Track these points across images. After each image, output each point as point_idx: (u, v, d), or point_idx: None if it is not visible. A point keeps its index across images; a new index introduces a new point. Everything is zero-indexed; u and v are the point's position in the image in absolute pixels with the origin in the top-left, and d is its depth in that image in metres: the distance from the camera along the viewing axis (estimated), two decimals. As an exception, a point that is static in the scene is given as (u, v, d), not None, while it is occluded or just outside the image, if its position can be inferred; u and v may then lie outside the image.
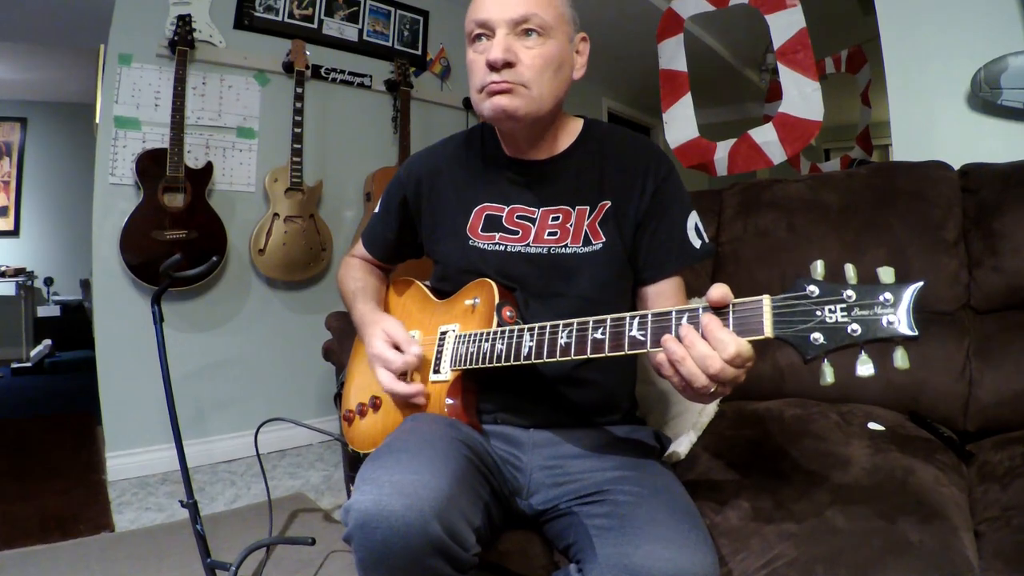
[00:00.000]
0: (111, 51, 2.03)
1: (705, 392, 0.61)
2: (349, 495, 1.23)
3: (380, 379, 0.87)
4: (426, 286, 1.04)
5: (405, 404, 0.90)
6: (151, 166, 1.99)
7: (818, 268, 0.57)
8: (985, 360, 1.13)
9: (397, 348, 0.88)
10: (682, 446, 1.02)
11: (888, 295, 0.53)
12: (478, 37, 0.83)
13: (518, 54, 0.81)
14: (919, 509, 0.77)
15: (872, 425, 1.04)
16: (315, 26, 2.47)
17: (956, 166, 1.28)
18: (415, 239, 1.04)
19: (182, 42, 2.04)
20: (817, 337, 0.55)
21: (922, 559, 0.69)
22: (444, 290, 0.97)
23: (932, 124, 1.61)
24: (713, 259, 1.47)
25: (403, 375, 0.88)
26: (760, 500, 0.83)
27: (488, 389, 0.89)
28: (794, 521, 0.78)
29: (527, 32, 0.81)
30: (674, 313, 0.64)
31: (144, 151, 2.01)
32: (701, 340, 0.60)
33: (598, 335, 0.68)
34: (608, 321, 0.68)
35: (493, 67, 0.80)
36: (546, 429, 0.88)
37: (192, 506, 1.29)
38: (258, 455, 1.51)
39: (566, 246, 0.88)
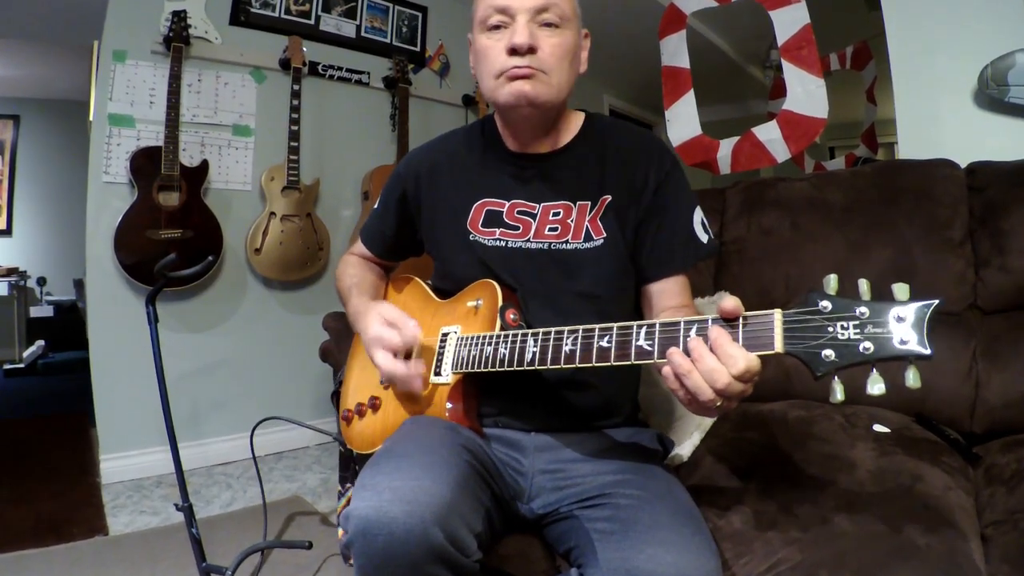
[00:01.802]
0: (105, 48, 2.03)
1: (710, 406, 0.61)
2: (339, 496, 1.23)
3: (379, 362, 0.84)
4: (427, 284, 1.03)
5: (405, 397, 0.89)
6: (146, 164, 1.98)
7: (831, 283, 0.56)
8: (992, 361, 1.13)
9: (395, 326, 0.85)
10: (685, 449, 1.02)
11: (902, 313, 0.53)
12: (495, 24, 0.82)
13: (539, 41, 0.81)
14: (925, 513, 0.77)
15: (877, 427, 1.04)
16: (312, 22, 2.47)
17: (963, 164, 1.28)
18: (415, 235, 1.04)
19: (177, 38, 2.04)
20: (828, 354, 0.55)
21: (928, 563, 0.69)
22: (446, 289, 0.97)
23: (938, 121, 1.61)
24: (716, 259, 1.47)
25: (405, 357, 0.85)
26: (764, 504, 0.83)
27: (489, 392, 0.88)
28: (798, 525, 0.78)
29: (546, 22, 0.82)
30: (683, 324, 0.63)
31: (138, 149, 2.01)
32: (709, 354, 0.59)
33: (604, 343, 0.67)
34: (615, 329, 0.67)
35: (517, 51, 0.80)
36: (548, 433, 0.87)
37: (187, 509, 1.29)
38: (253, 456, 1.51)
39: (567, 242, 0.88)
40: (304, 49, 2.35)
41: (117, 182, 2.03)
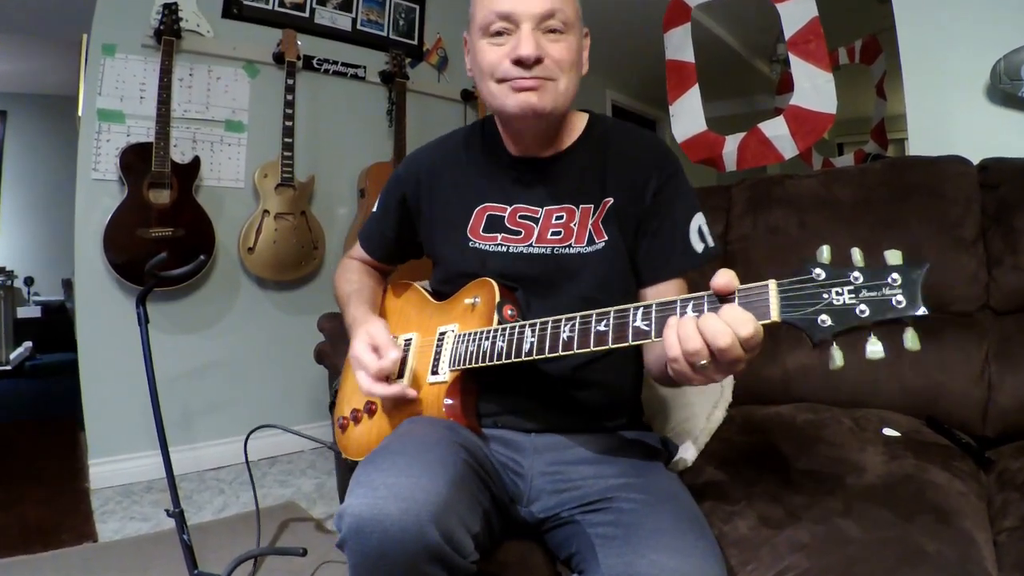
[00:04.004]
0: (94, 41, 2.03)
1: (695, 363, 0.59)
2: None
3: (359, 381, 0.88)
4: (425, 288, 1.04)
5: (395, 407, 0.90)
6: (136, 161, 1.98)
7: (824, 253, 0.58)
8: (1005, 363, 1.13)
9: (378, 351, 0.88)
10: (689, 452, 1.03)
11: (896, 276, 0.55)
12: (498, 31, 0.82)
13: (545, 49, 0.81)
14: (936, 518, 0.78)
15: (887, 431, 1.04)
16: (307, 15, 2.47)
17: (975, 161, 1.29)
18: (415, 238, 1.05)
19: (168, 32, 2.04)
20: (825, 319, 0.56)
21: (939, 570, 0.69)
22: (445, 292, 0.98)
23: (950, 117, 1.61)
24: (721, 258, 1.47)
25: (386, 378, 0.88)
26: (770, 509, 0.84)
27: (489, 391, 0.89)
28: (806, 530, 0.78)
29: (550, 28, 0.82)
30: (679, 302, 0.64)
31: (128, 145, 2.01)
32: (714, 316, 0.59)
33: (601, 327, 0.69)
34: (611, 313, 0.69)
35: (523, 63, 0.80)
36: (548, 433, 0.88)
37: (178, 515, 1.29)
38: (247, 463, 1.51)
39: (570, 246, 0.88)
40: (299, 43, 2.35)
41: (106, 179, 2.03)
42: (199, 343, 2.26)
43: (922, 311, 0.53)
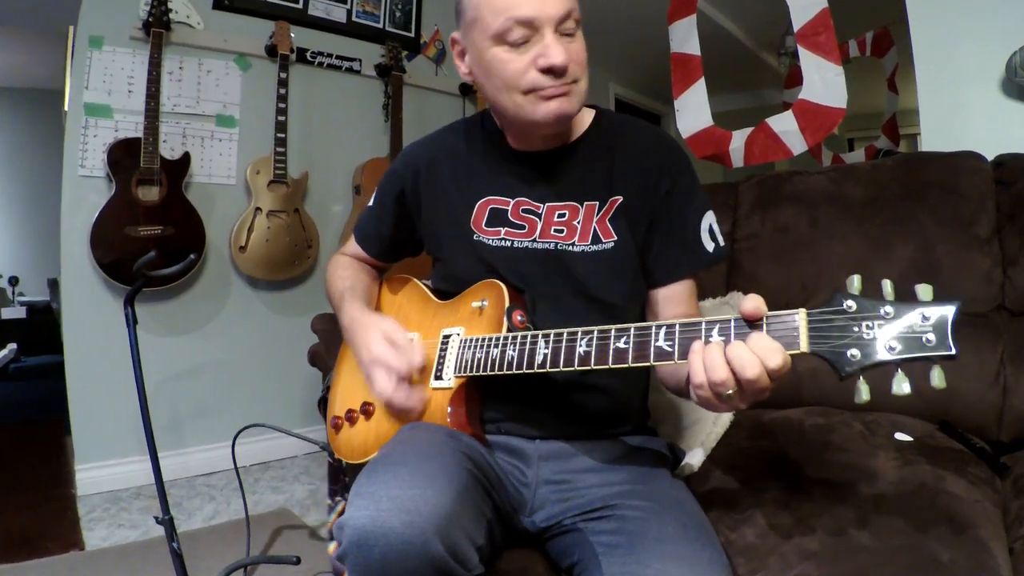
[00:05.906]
0: (81, 33, 2.04)
1: (721, 393, 0.60)
2: (329, 510, 1.24)
3: (380, 385, 0.84)
4: (425, 285, 1.04)
5: (398, 415, 0.89)
6: (124, 157, 1.99)
7: (855, 282, 0.59)
8: (1020, 365, 1.13)
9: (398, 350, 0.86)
10: (696, 458, 1.02)
11: (926, 313, 0.56)
12: (518, 39, 0.80)
13: (568, 53, 0.80)
14: (950, 525, 0.78)
15: (899, 436, 1.04)
16: (300, 6, 2.47)
17: (989, 157, 1.28)
18: (413, 235, 1.04)
19: (157, 23, 2.04)
20: (854, 354, 0.57)
21: (953, 579, 0.69)
22: (447, 290, 0.97)
23: (963, 112, 1.61)
24: (728, 258, 1.47)
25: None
26: (779, 516, 0.84)
27: (491, 397, 0.88)
28: (815, 538, 0.78)
29: (566, 31, 0.81)
30: (704, 324, 0.64)
31: (116, 141, 2.01)
32: (742, 345, 0.59)
33: (621, 344, 0.68)
34: (632, 330, 0.68)
35: (556, 72, 0.79)
36: (554, 440, 0.88)
37: (168, 522, 1.29)
38: (235, 467, 1.51)
39: (573, 244, 0.88)
40: (292, 35, 2.35)
41: (93, 176, 2.03)
42: (189, 345, 2.26)
43: (953, 352, 0.55)
